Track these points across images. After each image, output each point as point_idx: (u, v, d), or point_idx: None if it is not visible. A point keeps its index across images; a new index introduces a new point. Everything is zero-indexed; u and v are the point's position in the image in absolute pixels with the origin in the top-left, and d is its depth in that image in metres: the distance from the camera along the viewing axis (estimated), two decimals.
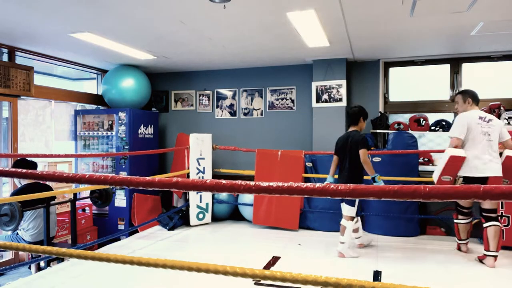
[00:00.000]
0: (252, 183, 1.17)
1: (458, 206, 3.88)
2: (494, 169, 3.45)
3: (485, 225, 3.53)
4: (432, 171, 4.98)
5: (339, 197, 1.06)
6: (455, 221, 3.91)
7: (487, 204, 3.56)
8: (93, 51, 4.85)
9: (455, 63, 5.14)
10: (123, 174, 5.49)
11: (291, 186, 1.07)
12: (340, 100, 5.21)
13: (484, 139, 3.57)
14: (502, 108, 4.51)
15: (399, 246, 4.18)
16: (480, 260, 3.57)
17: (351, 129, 3.94)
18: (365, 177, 3.84)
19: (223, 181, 1.21)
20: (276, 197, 4.93)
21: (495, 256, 3.45)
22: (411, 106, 5.36)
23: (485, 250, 3.51)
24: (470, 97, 3.74)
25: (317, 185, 1.08)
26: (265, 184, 1.13)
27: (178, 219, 5.08)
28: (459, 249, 3.97)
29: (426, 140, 5.31)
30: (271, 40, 4.35)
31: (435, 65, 5.26)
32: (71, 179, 1.38)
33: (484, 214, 3.56)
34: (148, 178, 1.29)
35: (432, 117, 5.03)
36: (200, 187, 1.21)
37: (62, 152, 4.16)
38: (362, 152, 3.66)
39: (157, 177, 1.35)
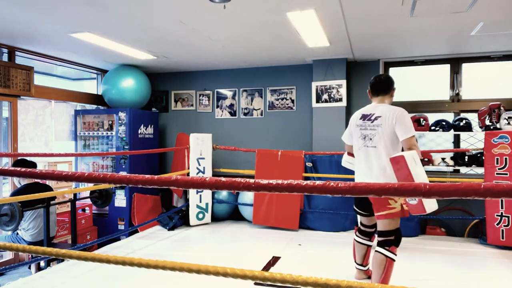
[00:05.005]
0: (251, 180, 1.17)
1: (360, 223, 3.11)
2: None
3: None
4: (432, 171, 5.02)
5: (339, 195, 1.05)
6: (354, 236, 3.15)
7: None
8: (93, 51, 4.85)
9: (455, 63, 5.13)
10: None
11: (290, 184, 1.07)
12: (340, 100, 5.21)
13: (363, 145, 2.70)
14: (502, 108, 4.48)
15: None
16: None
17: None
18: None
19: (223, 179, 1.20)
20: (276, 197, 4.93)
21: None
22: (411, 106, 5.35)
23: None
24: (369, 87, 2.87)
25: (317, 182, 1.07)
26: (265, 181, 1.12)
27: (178, 219, 5.08)
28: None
29: (426, 140, 5.31)
30: (271, 40, 4.35)
31: (435, 65, 5.25)
32: (70, 178, 1.37)
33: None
34: (147, 176, 1.29)
35: (432, 117, 5.02)
36: (199, 184, 1.21)
37: (62, 152, 4.16)
38: None
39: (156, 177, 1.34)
